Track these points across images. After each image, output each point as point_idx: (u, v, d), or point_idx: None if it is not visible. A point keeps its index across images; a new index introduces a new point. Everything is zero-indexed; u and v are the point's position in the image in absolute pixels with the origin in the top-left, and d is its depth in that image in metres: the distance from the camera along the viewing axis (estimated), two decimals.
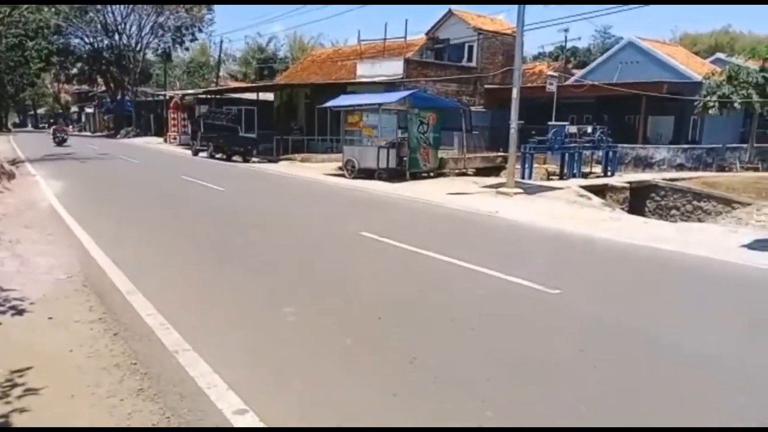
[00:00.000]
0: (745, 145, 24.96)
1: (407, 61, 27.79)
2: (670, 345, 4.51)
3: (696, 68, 29.54)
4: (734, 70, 22.91)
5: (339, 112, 20.06)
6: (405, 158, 17.26)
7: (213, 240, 8.21)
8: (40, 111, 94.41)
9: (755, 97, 22.16)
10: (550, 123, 22.71)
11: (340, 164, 18.61)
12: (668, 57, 29.53)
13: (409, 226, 10.03)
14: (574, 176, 18.28)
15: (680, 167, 22.91)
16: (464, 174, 18.71)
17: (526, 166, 17.20)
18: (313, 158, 23.44)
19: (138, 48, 49.91)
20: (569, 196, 14.19)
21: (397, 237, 8.17)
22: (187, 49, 54.60)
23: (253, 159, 25.34)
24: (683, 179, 19.11)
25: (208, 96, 33.90)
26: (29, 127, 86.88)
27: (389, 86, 23.40)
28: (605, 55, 33.43)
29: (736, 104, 22.25)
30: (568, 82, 29.61)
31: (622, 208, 16.47)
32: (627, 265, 7.58)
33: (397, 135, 17.36)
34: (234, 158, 24.82)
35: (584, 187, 15.96)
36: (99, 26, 48.74)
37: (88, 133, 62.41)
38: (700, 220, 17.56)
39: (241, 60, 63.13)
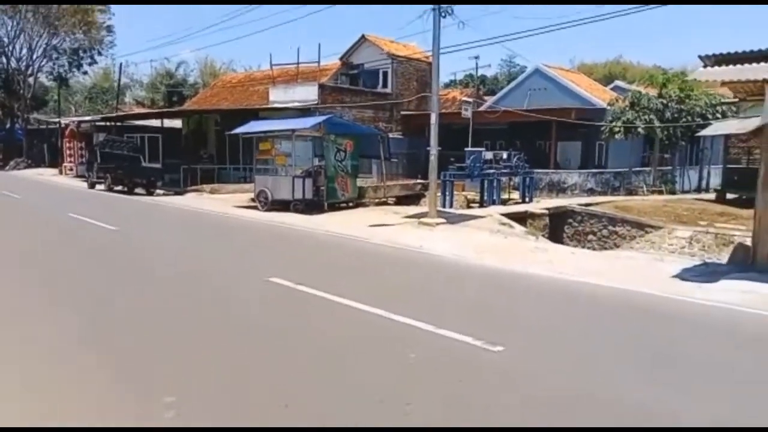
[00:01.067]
0: (647, 169, 26.09)
1: (321, 87, 27.11)
2: (646, 413, 3.82)
3: (599, 95, 30.81)
4: (636, 97, 23.96)
5: (252, 140, 18.88)
6: (322, 188, 16.32)
7: (90, 297, 6.83)
8: None
9: (656, 123, 23.20)
10: (467, 149, 22.62)
11: (252, 195, 17.37)
12: (573, 84, 30.54)
13: (327, 267, 9.05)
14: (494, 203, 18.06)
15: (591, 191, 23.49)
16: (384, 203, 18.04)
17: (447, 194, 16.76)
18: (224, 189, 22.00)
19: (29, 72, 46.02)
20: (492, 225, 13.79)
21: (313, 283, 7.16)
22: (85, 72, 51.09)
23: (158, 191, 23.49)
24: (597, 204, 19.43)
25: (108, 123, 31.46)
26: None
27: (303, 112, 22.53)
28: (515, 82, 34.18)
29: (639, 129, 23.20)
30: (481, 108, 30.02)
31: (543, 235, 16.37)
32: (568, 307, 6.96)
33: (312, 163, 16.43)
34: (137, 190, 22.88)
35: (505, 215, 15.70)
36: None
37: None
38: (616, 245, 17.82)
39: (148, 86, 59.88)
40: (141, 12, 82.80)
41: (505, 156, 20.57)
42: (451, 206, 16.72)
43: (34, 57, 45.57)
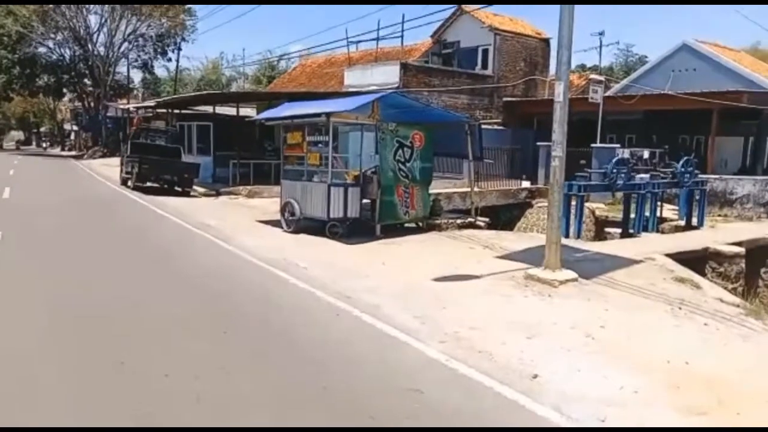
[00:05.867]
0: None
1: (404, 66, 21.95)
2: None
3: None
4: None
5: None
6: (377, 201, 10.70)
7: None
8: (43, 129, 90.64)
9: None
10: (594, 146, 16.35)
11: None
12: (734, 63, 23.44)
13: None
14: (644, 229, 11.57)
15: None
16: (471, 225, 11.99)
17: (573, 216, 10.50)
18: (266, 191, 17.06)
19: (113, 59, 44.31)
20: (662, 283, 7.55)
21: None
22: (169, 59, 49.00)
23: (198, 189, 19.15)
24: None
25: (168, 110, 27.65)
26: (33, 145, 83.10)
27: None
28: (652, 62, 27.75)
29: None
30: (608, 93, 23.48)
31: (736, 288, 9.80)
32: None
33: (360, 165, 10.88)
34: (177, 189, 18.57)
35: (673, 256, 9.34)
36: (70, 34, 43.22)
37: (69, 153, 56.93)
38: None
39: (252, 78, 57.67)
40: None
41: (646, 155, 14.11)
42: (578, 235, 10.51)
43: (117, 42, 43.67)
